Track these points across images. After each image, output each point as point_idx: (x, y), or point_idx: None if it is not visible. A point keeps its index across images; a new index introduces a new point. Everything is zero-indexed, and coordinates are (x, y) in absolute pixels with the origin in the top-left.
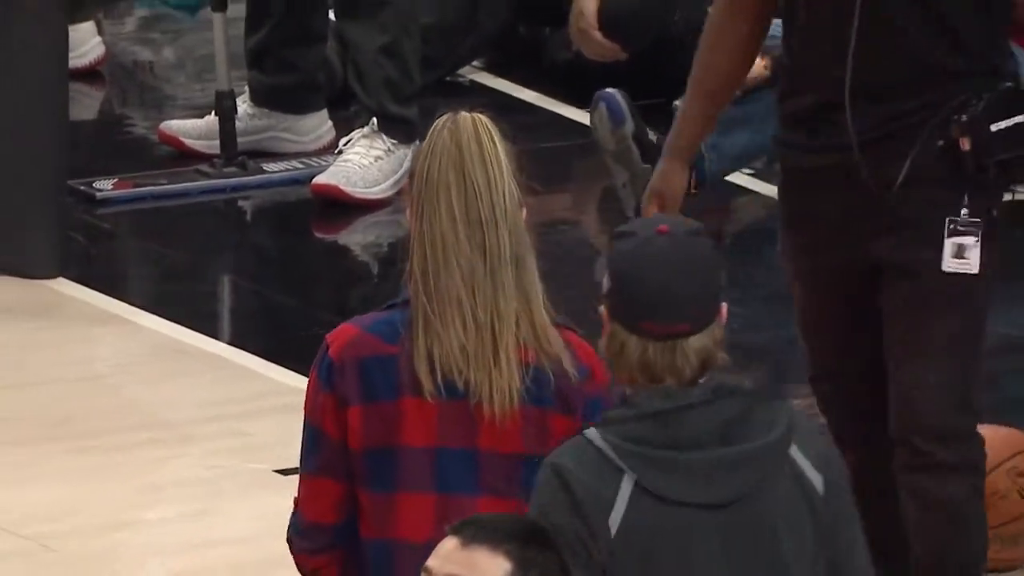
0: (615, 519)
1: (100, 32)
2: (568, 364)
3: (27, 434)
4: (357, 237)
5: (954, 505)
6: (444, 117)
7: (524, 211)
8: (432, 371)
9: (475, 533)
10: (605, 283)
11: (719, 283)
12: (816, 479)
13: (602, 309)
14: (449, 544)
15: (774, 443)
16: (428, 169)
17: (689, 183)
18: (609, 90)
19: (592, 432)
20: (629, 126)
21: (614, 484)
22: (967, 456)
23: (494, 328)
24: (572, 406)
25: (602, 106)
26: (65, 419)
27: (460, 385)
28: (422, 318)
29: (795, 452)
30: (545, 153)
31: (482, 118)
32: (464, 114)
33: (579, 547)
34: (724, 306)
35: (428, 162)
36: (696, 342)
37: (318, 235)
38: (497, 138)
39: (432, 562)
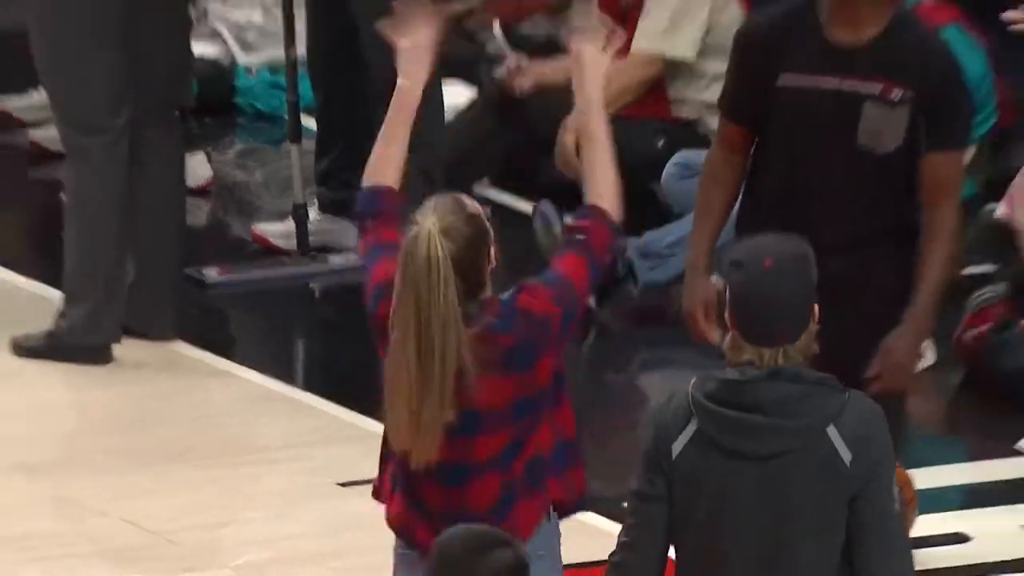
0: (676, 448)
1: (209, 160)
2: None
3: (157, 459)
4: None
5: None
6: (412, 228)
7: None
8: None
9: None
10: (727, 300)
11: (812, 293)
12: (846, 455)
13: (726, 315)
14: None
15: (815, 422)
16: (399, 275)
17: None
18: (544, 202)
19: (693, 382)
20: (557, 228)
21: (684, 423)
22: None
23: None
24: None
25: (538, 215)
26: (186, 448)
27: None
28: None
29: (832, 432)
30: (536, 258)
31: (437, 238)
32: (424, 228)
33: (653, 461)
34: (815, 307)
35: (399, 270)
36: (797, 344)
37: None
38: (443, 263)
39: None
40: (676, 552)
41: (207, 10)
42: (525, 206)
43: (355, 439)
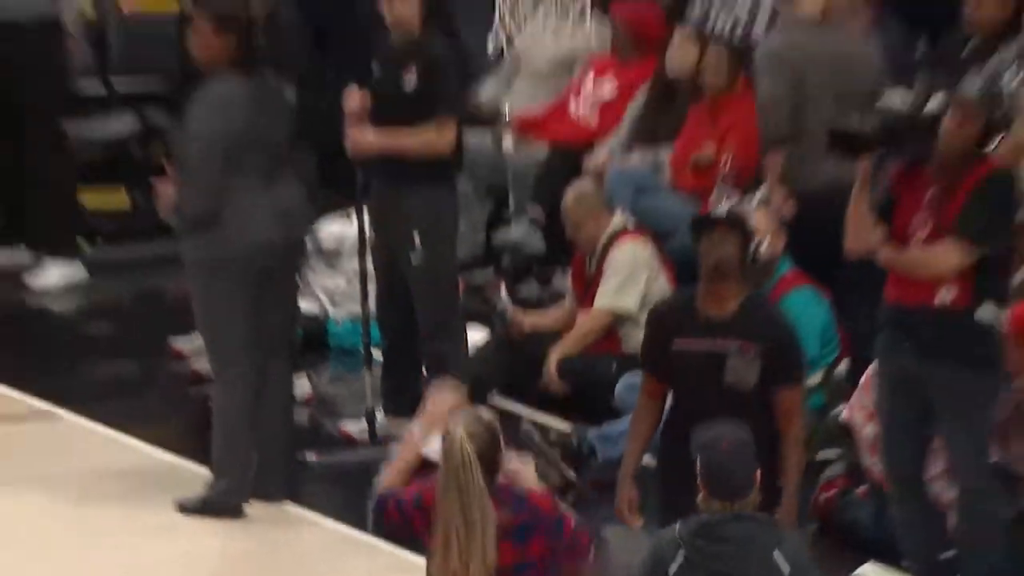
0: (671, 570)
1: (310, 381)
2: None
3: None
4: None
5: None
6: (448, 436)
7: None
8: None
9: None
10: (698, 471)
11: (755, 463)
12: (785, 568)
13: (698, 479)
14: None
15: (763, 547)
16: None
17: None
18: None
19: (679, 524)
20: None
21: (675, 552)
22: None
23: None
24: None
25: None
26: None
27: None
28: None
29: (776, 555)
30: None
31: (466, 441)
32: (456, 435)
33: None
34: (758, 472)
35: (440, 470)
36: (749, 497)
37: None
38: (472, 458)
39: None
40: None
41: (308, 279)
42: (524, 411)
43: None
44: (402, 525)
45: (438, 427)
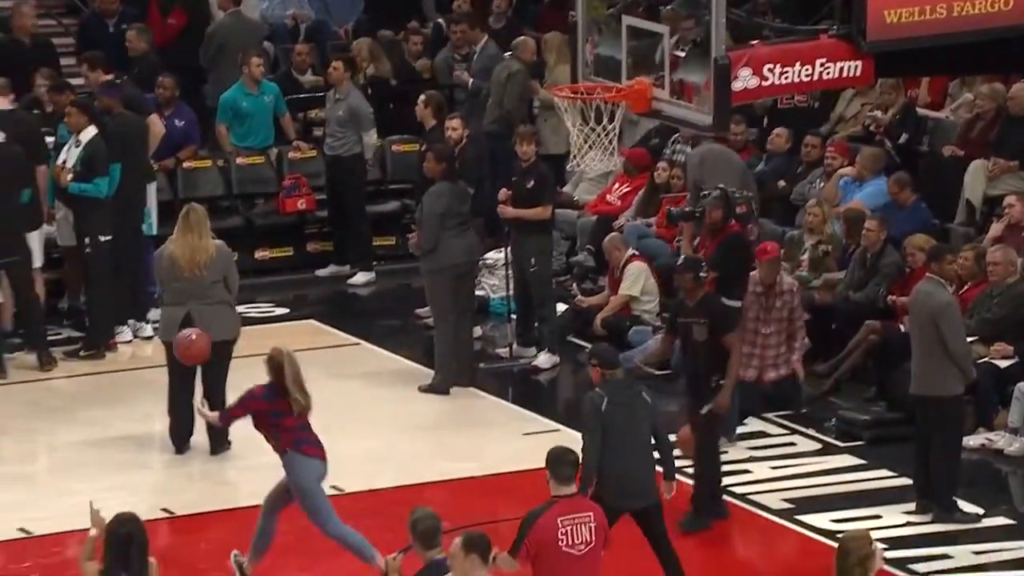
0: (603, 406)
1: (481, 328)
2: None
3: None
4: None
5: None
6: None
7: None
8: None
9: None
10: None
11: (617, 356)
12: (649, 399)
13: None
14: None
15: (636, 390)
16: None
17: None
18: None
19: (599, 388)
20: None
21: (601, 400)
22: None
23: None
24: None
25: None
26: None
27: None
28: None
29: (644, 393)
30: None
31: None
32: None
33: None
34: (618, 359)
35: None
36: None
37: None
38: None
39: None
40: None
41: (480, 279)
42: (585, 344)
43: None
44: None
45: None
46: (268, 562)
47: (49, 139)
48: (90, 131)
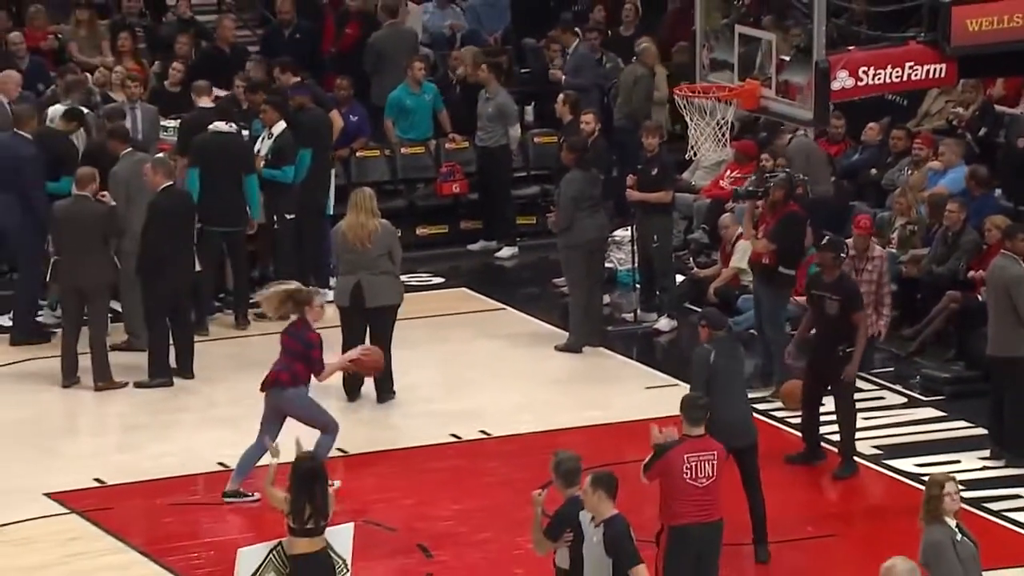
0: (711, 358)
1: (609, 296)
2: None
3: None
4: None
5: None
6: None
7: None
8: None
9: None
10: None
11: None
12: (743, 352)
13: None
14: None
15: (734, 342)
16: None
17: None
18: None
19: (707, 344)
20: None
21: (709, 353)
22: None
23: None
24: None
25: None
26: None
27: None
28: None
29: (739, 345)
30: None
31: None
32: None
33: None
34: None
35: None
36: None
37: None
38: None
39: None
40: None
41: (609, 252)
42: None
43: None
44: None
45: None
46: None
47: (244, 132)
48: (280, 125)
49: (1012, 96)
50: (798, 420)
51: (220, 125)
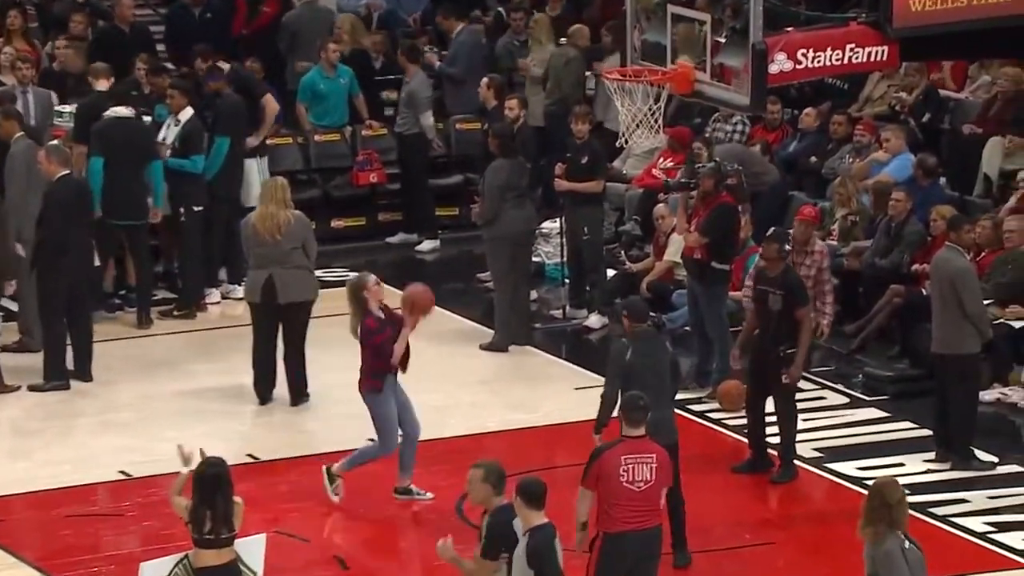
0: (628, 356)
1: (536, 291)
2: None
3: None
4: None
5: None
6: None
7: None
8: None
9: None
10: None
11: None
12: (669, 350)
13: None
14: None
15: (662, 342)
16: None
17: None
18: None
19: (624, 339)
20: None
21: (626, 348)
22: None
23: None
24: None
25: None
26: None
27: None
28: None
29: (666, 344)
30: None
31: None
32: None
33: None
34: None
35: None
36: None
37: None
38: None
39: None
40: None
41: (536, 245)
42: None
43: None
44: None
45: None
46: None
47: (146, 118)
48: (188, 111)
49: (958, 81)
50: (735, 422)
51: (119, 110)
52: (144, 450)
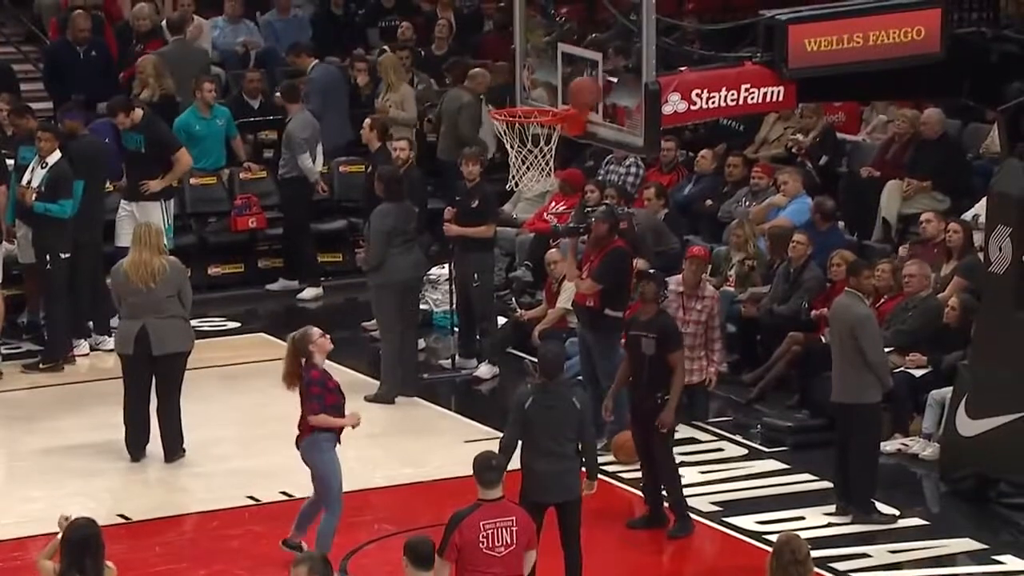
0: (527, 404)
1: (424, 341)
2: None
3: None
4: None
5: None
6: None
7: None
8: None
9: None
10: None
11: (562, 362)
12: (579, 405)
13: None
14: None
15: (568, 395)
16: None
17: None
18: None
19: (528, 386)
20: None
21: (527, 397)
22: None
23: None
24: None
25: None
26: None
27: None
28: None
29: (575, 400)
30: None
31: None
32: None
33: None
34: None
35: None
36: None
37: None
38: None
39: None
40: None
41: (424, 293)
42: (525, 356)
43: None
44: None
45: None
46: None
47: (9, 161)
48: (56, 155)
49: (852, 123)
50: (630, 475)
51: None
52: (9, 511)
